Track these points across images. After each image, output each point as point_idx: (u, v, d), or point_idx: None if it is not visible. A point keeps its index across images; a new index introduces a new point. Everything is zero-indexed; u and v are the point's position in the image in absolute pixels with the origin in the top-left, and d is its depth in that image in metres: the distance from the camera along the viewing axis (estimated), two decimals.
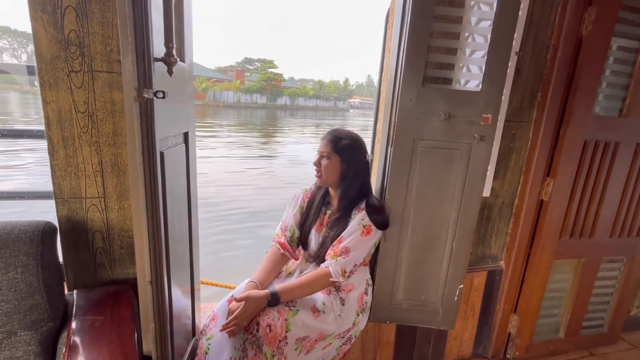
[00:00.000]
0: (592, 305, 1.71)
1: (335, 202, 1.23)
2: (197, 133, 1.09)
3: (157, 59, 0.64)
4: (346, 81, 63.36)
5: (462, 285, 1.32)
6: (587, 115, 1.38)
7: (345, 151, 1.15)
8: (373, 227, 1.14)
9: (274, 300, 1.02)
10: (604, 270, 1.68)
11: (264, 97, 46.11)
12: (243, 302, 0.99)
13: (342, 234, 1.14)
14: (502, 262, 1.59)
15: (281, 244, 1.26)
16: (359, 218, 1.14)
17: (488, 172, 1.42)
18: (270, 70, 49.30)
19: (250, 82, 48.74)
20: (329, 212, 1.23)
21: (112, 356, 0.76)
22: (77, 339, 0.81)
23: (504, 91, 1.30)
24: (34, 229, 0.85)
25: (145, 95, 0.60)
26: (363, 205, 1.17)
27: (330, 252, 1.14)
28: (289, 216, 1.29)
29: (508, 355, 1.67)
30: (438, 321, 1.37)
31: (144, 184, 0.62)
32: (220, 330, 1.01)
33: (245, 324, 0.99)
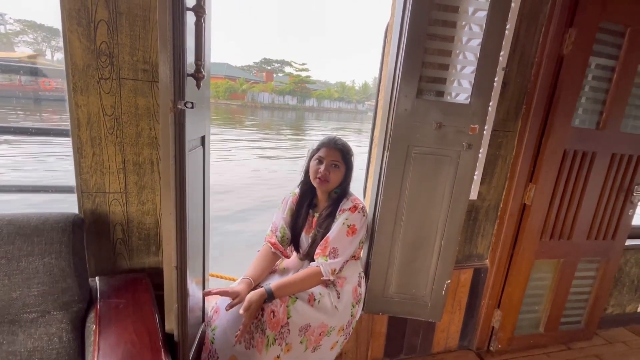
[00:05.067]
0: (570, 303, 1.84)
1: (324, 203, 1.32)
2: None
3: (188, 74, 0.74)
4: (365, 84, 63.57)
5: (449, 281, 1.44)
6: (567, 127, 1.51)
7: (350, 160, 1.28)
8: (357, 226, 1.24)
9: (269, 298, 1.10)
10: (581, 270, 1.81)
11: (295, 99, 47.19)
12: (246, 312, 1.04)
13: (329, 235, 1.22)
14: (487, 260, 1.71)
15: (272, 244, 1.32)
16: (343, 218, 1.23)
17: (475, 177, 1.54)
18: (299, 73, 50.17)
19: (278, 83, 49.53)
20: (316, 214, 1.33)
21: (137, 333, 0.86)
22: (105, 319, 0.91)
23: (491, 103, 1.42)
24: (65, 220, 0.95)
25: (179, 107, 0.70)
26: (346, 205, 1.26)
27: (318, 251, 1.22)
28: (279, 218, 1.36)
29: (491, 348, 1.79)
30: (427, 313, 1.49)
31: (175, 182, 0.73)
32: (236, 342, 1.06)
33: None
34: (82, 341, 0.94)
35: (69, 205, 1.10)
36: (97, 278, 1.10)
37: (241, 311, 1.06)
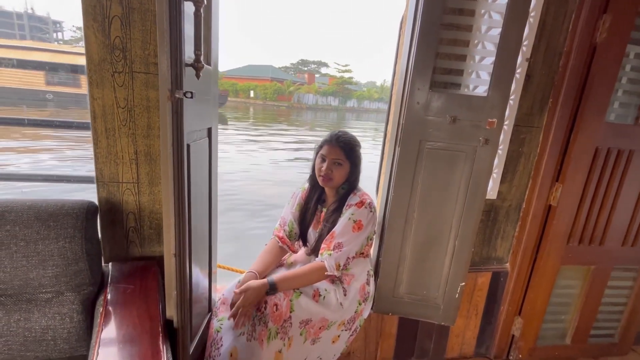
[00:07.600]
0: (601, 314, 1.70)
1: (332, 198, 1.30)
2: None
3: (187, 64, 0.75)
4: None
5: (463, 283, 1.37)
6: (599, 122, 1.39)
7: (355, 156, 1.25)
8: (363, 222, 1.21)
9: (271, 289, 1.10)
10: (615, 279, 1.66)
11: (337, 100, 48.18)
12: (243, 294, 1.07)
13: (334, 229, 1.21)
14: (507, 264, 1.61)
15: (280, 238, 1.33)
16: (349, 213, 1.21)
17: (495, 175, 1.46)
18: (342, 74, 50.86)
19: (320, 84, 50.62)
20: (324, 209, 1.31)
21: (140, 318, 0.89)
22: (112, 302, 0.94)
23: (512, 97, 1.34)
24: (79, 207, 0.99)
25: (177, 96, 0.71)
26: (353, 201, 1.24)
27: (324, 245, 1.21)
28: (288, 213, 1.36)
29: (511, 357, 1.69)
30: (439, 316, 1.43)
31: (172, 170, 0.74)
32: (229, 318, 1.09)
33: (251, 311, 1.07)
34: (91, 322, 0.98)
35: None
36: (110, 264, 1.15)
37: (236, 290, 1.07)
